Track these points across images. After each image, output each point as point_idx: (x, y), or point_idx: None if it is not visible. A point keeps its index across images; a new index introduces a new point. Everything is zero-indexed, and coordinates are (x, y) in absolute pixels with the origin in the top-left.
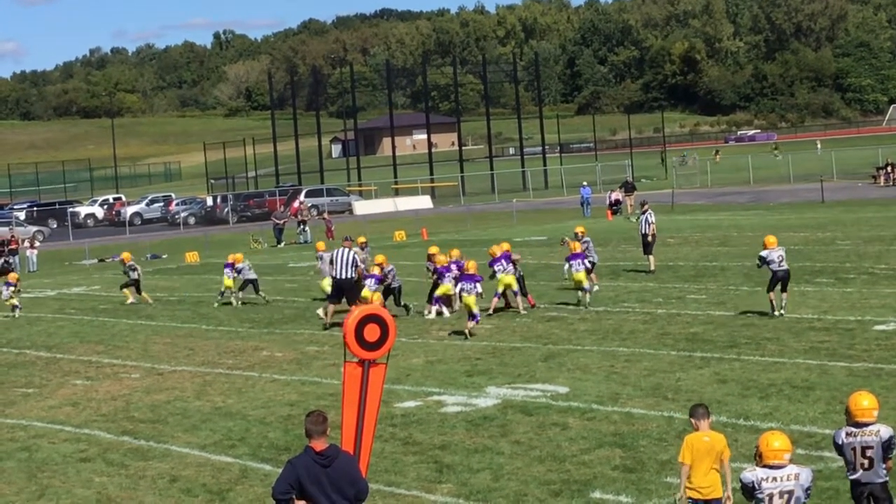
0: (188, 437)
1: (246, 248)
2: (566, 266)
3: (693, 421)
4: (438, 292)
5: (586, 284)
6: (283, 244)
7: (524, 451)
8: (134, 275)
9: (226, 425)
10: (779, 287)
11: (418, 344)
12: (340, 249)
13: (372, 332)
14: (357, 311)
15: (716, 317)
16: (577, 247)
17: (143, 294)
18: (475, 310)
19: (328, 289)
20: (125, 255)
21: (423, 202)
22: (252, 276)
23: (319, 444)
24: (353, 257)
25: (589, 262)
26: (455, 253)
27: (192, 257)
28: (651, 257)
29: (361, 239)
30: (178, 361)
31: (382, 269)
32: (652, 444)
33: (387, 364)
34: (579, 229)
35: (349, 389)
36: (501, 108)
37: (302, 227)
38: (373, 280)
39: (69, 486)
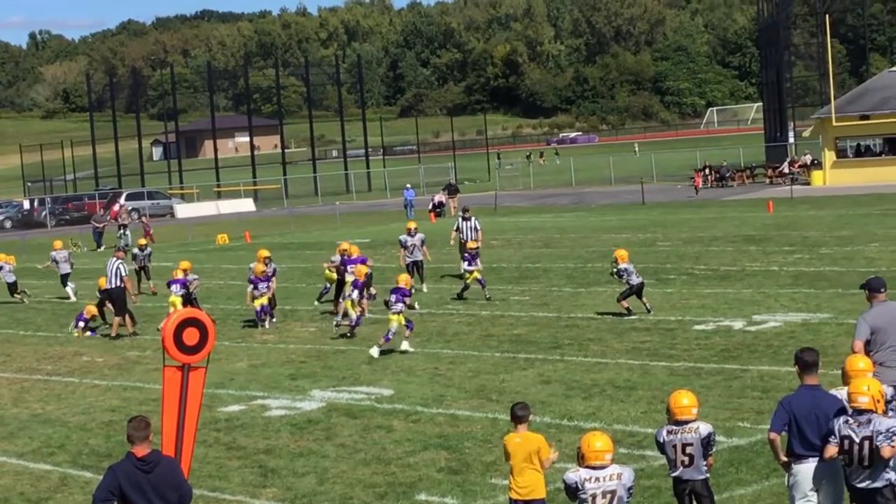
0: (5, 444)
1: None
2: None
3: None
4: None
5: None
6: (102, 248)
7: (349, 454)
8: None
9: (45, 432)
10: (634, 296)
11: (241, 348)
12: (111, 259)
13: (191, 336)
14: (175, 315)
15: (539, 318)
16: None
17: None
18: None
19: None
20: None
21: (246, 205)
22: (11, 278)
23: (141, 450)
24: (120, 267)
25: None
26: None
27: (7, 261)
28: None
29: (265, 253)
30: None
31: (186, 273)
32: (477, 446)
33: (206, 368)
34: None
35: (169, 393)
36: (324, 111)
37: (122, 230)
38: (178, 285)
39: None
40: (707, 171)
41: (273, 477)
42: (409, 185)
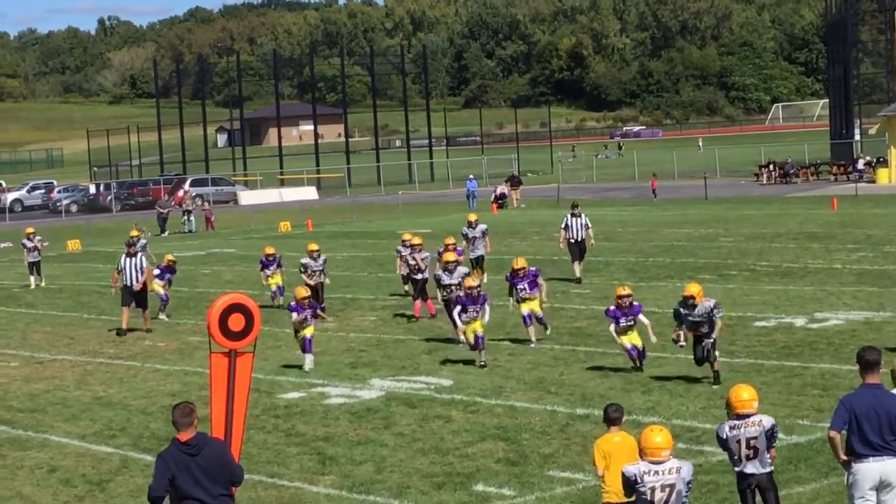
0: (68, 426)
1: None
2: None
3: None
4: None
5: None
6: (166, 233)
7: (407, 443)
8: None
9: (106, 415)
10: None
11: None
12: (124, 258)
13: (237, 322)
14: (220, 301)
15: (599, 311)
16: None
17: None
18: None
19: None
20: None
21: (309, 193)
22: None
23: (186, 435)
24: (142, 262)
25: None
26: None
27: (73, 245)
28: (581, 264)
29: (417, 240)
30: (59, 350)
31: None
32: (535, 438)
33: (254, 353)
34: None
35: (216, 379)
36: (388, 101)
37: (186, 216)
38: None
39: None
40: (771, 167)
41: (331, 464)
42: (471, 176)
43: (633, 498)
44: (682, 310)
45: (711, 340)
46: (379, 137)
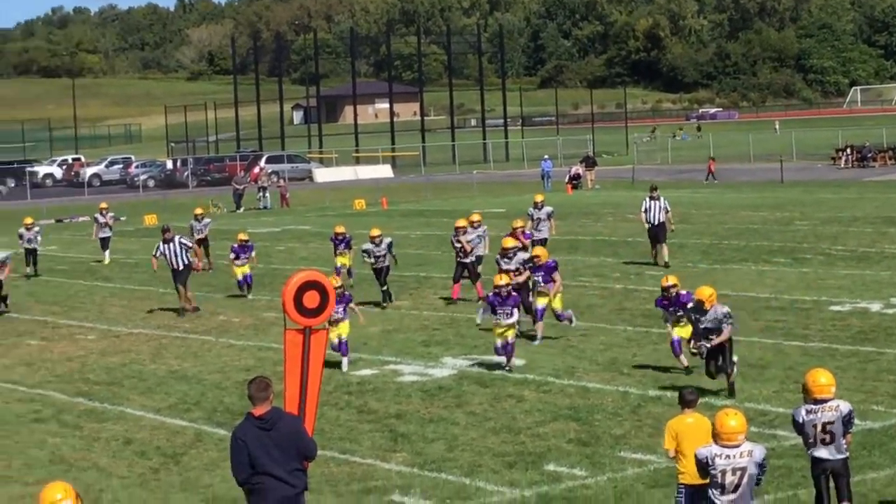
0: (143, 399)
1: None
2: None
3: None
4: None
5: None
6: (242, 209)
7: (479, 422)
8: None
9: (181, 389)
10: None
11: (375, 313)
12: (161, 245)
13: (311, 299)
14: (296, 278)
15: None
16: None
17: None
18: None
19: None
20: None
21: (384, 171)
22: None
23: (260, 409)
24: (184, 241)
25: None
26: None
27: (150, 220)
28: (665, 247)
29: (462, 223)
30: (135, 324)
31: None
32: (606, 419)
33: (328, 330)
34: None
35: (291, 356)
36: (464, 80)
37: (262, 192)
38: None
39: (22, 446)
40: (848, 150)
41: (403, 442)
42: (546, 157)
43: (707, 480)
44: (692, 315)
45: (714, 346)
46: (454, 116)
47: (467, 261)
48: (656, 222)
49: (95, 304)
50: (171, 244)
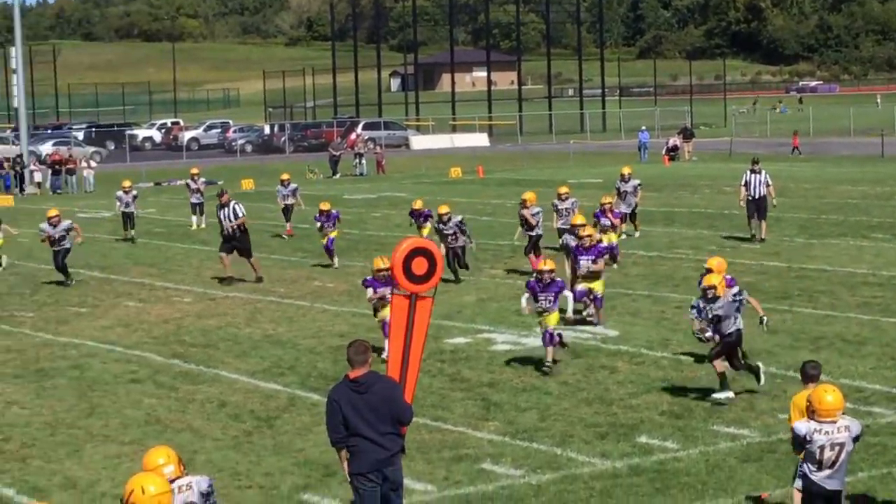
0: (238, 363)
1: (301, 178)
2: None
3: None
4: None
5: None
6: (338, 175)
7: (572, 392)
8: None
9: (275, 353)
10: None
11: (470, 281)
12: (218, 208)
13: (420, 266)
14: (405, 244)
15: (769, 267)
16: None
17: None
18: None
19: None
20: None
21: (480, 140)
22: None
23: (357, 372)
24: (236, 208)
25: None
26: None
27: (247, 184)
28: (764, 223)
29: (563, 189)
30: (230, 288)
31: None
32: (700, 392)
33: (433, 298)
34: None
35: (396, 322)
36: (562, 49)
37: (358, 159)
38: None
39: (119, 405)
40: None
41: (495, 410)
42: (644, 128)
43: (801, 455)
44: (700, 303)
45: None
46: (552, 86)
47: (533, 233)
48: (757, 196)
49: (192, 268)
50: (226, 209)
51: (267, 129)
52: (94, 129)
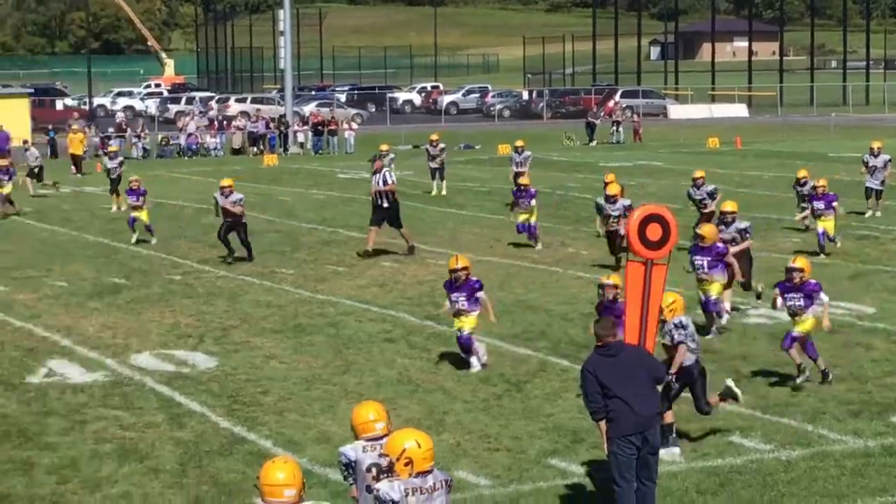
0: (489, 326)
1: (557, 144)
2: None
3: None
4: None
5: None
6: (594, 143)
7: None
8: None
9: (527, 318)
10: None
11: None
12: (372, 175)
13: (654, 232)
14: (640, 211)
15: None
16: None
17: None
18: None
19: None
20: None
21: (739, 110)
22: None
23: (605, 341)
24: (386, 175)
25: None
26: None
27: (504, 149)
28: None
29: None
30: (484, 251)
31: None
32: None
33: (667, 265)
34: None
35: (632, 288)
36: (827, 19)
37: (615, 127)
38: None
39: (373, 364)
40: None
41: (746, 383)
42: None
43: None
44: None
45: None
46: (815, 57)
47: (706, 211)
48: None
49: (448, 230)
50: (378, 175)
51: (525, 95)
52: (356, 92)
